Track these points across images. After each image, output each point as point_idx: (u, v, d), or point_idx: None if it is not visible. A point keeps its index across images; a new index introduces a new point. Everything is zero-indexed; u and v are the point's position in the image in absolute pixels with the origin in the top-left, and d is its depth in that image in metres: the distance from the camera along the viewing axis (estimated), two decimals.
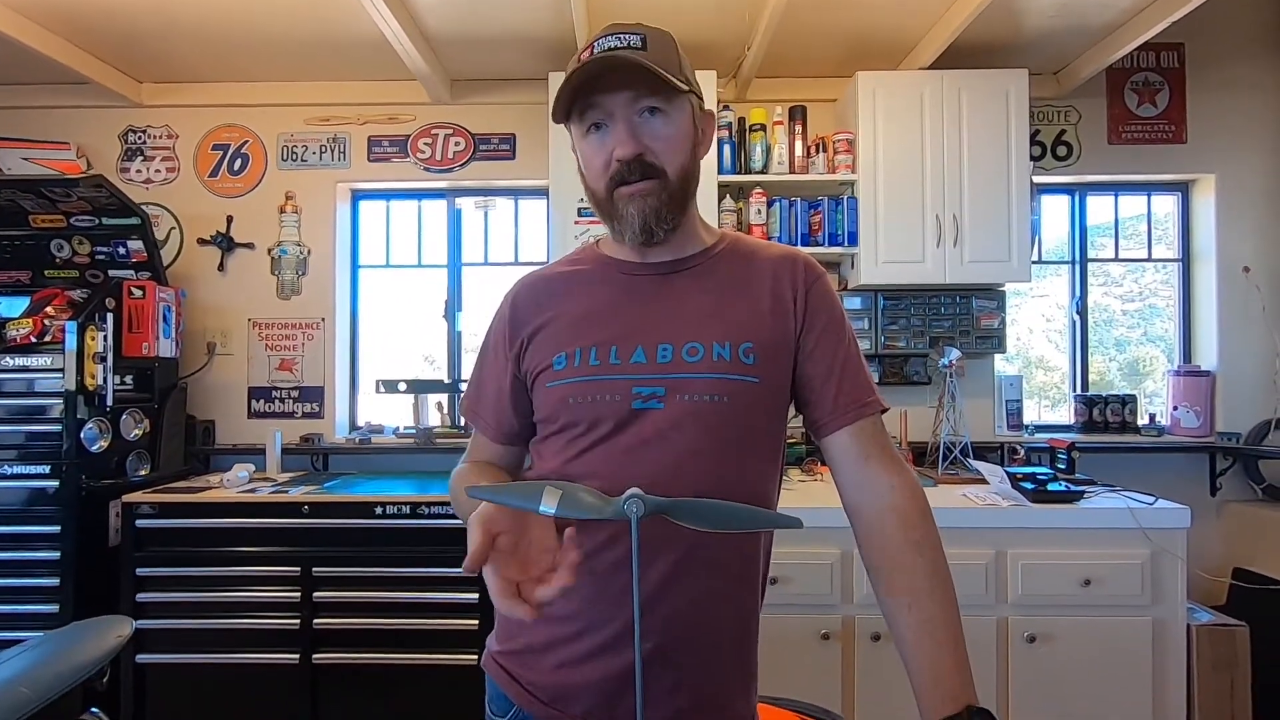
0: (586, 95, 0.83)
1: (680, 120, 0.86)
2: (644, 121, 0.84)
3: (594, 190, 0.89)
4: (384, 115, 3.02)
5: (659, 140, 0.85)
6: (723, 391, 0.84)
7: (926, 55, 2.59)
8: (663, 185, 0.85)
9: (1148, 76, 2.92)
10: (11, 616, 2.32)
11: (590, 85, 0.82)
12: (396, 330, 3.24)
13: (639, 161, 0.84)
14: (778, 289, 0.90)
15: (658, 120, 0.84)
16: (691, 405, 0.83)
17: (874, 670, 2.04)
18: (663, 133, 0.85)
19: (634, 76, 0.81)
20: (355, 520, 2.32)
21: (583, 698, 0.84)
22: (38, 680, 1.19)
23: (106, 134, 3.02)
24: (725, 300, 0.89)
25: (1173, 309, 3.09)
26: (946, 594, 0.79)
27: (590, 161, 0.87)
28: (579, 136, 0.88)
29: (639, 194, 0.85)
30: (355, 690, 2.30)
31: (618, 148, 0.83)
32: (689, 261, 0.92)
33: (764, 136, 2.72)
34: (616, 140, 0.84)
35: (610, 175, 0.85)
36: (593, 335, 0.88)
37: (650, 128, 0.84)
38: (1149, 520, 2.06)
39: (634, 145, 0.83)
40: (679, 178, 0.87)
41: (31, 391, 2.41)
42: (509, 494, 0.65)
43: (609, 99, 0.83)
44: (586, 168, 0.89)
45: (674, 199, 0.86)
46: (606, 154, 0.85)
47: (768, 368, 0.87)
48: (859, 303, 2.83)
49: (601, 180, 0.86)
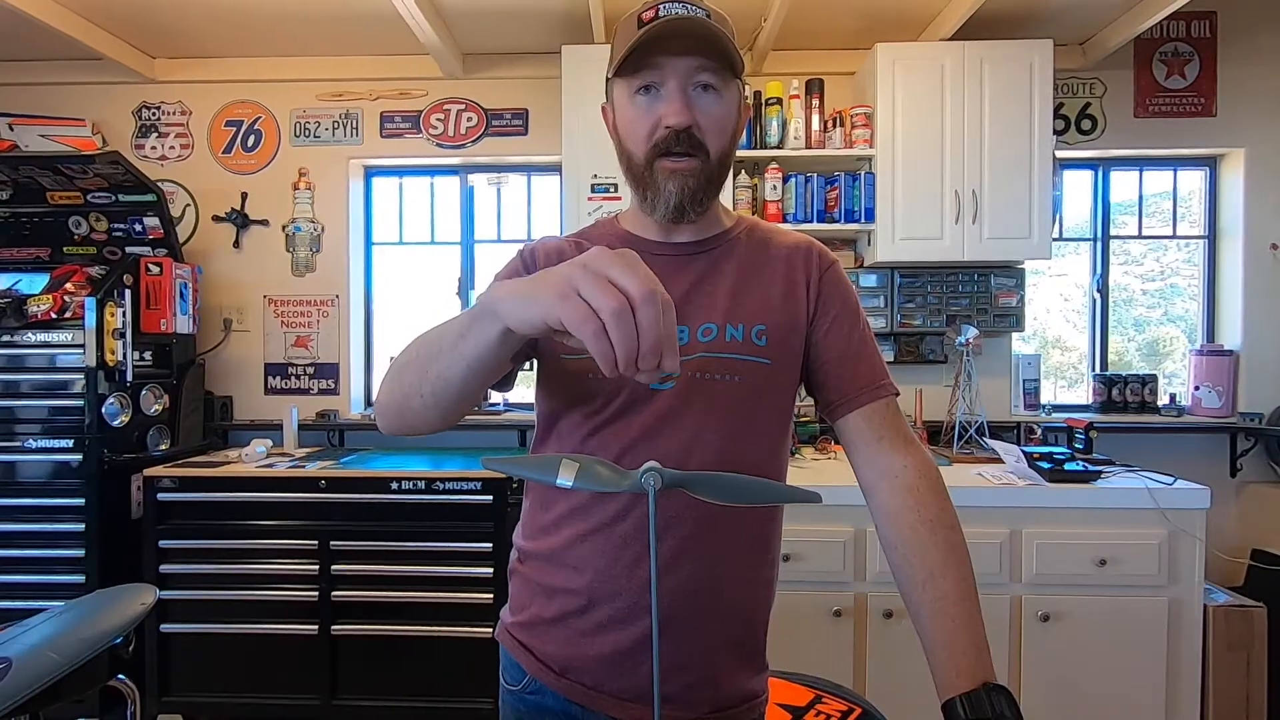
0: (648, 54, 0.81)
1: (730, 102, 0.85)
2: (697, 95, 0.83)
3: (632, 154, 0.86)
4: (396, 90, 3.00)
5: (709, 117, 0.83)
6: (736, 371, 0.84)
7: (948, 26, 2.53)
8: (703, 165, 0.84)
9: (1177, 47, 2.84)
10: (40, 586, 2.38)
11: (655, 45, 0.80)
12: (410, 307, 3.25)
13: (688, 133, 0.82)
14: (791, 275, 0.91)
15: (710, 97, 0.83)
16: (704, 384, 0.83)
17: (886, 647, 2.05)
18: (714, 110, 0.83)
19: (702, 46, 0.80)
20: (371, 495, 2.35)
21: (592, 669, 0.85)
22: (64, 646, 1.22)
23: (121, 110, 3.03)
24: (740, 284, 0.89)
25: (1195, 288, 3.03)
26: (962, 571, 0.78)
27: (634, 124, 0.84)
28: (624, 96, 0.85)
29: (681, 171, 0.83)
30: (373, 661, 2.35)
31: (671, 115, 0.81)
32: (709, 244, 0.92)
33: (780, 111, 2.67)
34: (670, 108, 0.81)
35: (655, 142, 0.83)
36: None
37: (702, 102, 0.83)
38: (1168, 500, 2.04)
39: (689, 115, 0.81)
40: (719, 160, 0.85)
41: (53, 367, 2.45)
42: (525, 465, 0.65)
43: (672, 62, 0.81)
44: (628, 130, 0.86)
45: (711, 181, 0.86)
46: (654, 119, 0.83)
47: (779, 350, 0.87)
48: (875, 280, 2.80)
49: (644, 146, 0.84)
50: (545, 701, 0.87)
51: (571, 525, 0.86)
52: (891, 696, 1.83)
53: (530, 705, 0.89)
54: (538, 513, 0.91)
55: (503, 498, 2.33)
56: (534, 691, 0.88)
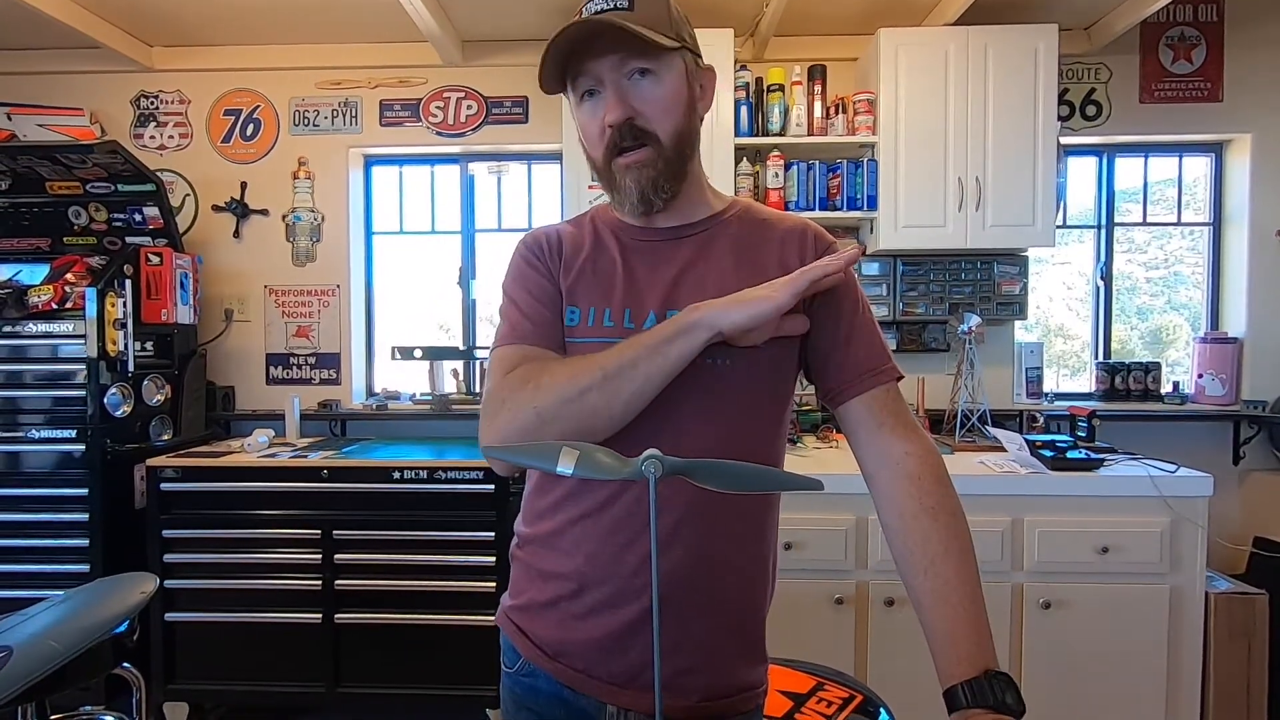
0: (576, 63, 0.83)
1: (670, 80, 0.84)
2: (633, 84, 0.83)
3: (594, 159, 0.88)
4: (395, 78, 2.98)
5: (648, 103, 0.83)
6: (725, 356, 0.83)
7: (952, 10, 2.50)
8: (658, 153, 0.84)
9: (1184, 31, 2.81)
10: (44, 576, 2.39)
11: (579, 52, 0.81)
12: (411, 297, 3.24)
13: (630, 126, 0.83)
14: (786, 259, 0.89)
15: (647, 82, 0.83)
16: (697, 369, 0.82)
17: (887, 635, 2.06)
18: (651, 95, 0.83)
19: (619, 39, 0.79)
20: (374, 485, 2.35)
21: (583, 653, 0.85)
22: (64, 634, 1.23)
23: (119, 99, 3.01)
24: (733, 266, 0.88)
25: (1198, 276, 3.01)
26: (964, 558, 0.78)
27: (587, 130, 0.87)
28: (575, 106, 0.87)
29: (635, 164, 0.84)
30: (377, 649, 2.36)
31: (607, 114, 0.83)
32: (698, 227, 0.91)
33: (782, 97, 2.65)
34: (606, 106, 0.83)
35: (606, 144, 0.84)
36: (605, 295, 0.88)
37: (639, 90, 0.83)
38: (1170, 488, 2.04)
39: (622, 110, 0.82)
40: (673, 142, 0.85)
41: (55, 357, 2.45)
42: (526, 453, 0.64)
43: (596, 64, 0.82)
44: (585, 135, 0.88)
45: (670, 165, 0.85)
46: (600, 121, 0.84)
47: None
48: (877, 268, 2.78)
49: (599, 149, 0.86)
50: (539, 684, 0.88)
51: (564, 510, 0.86)
52: (893, 684, 1.83)
53: (524, 687, 0.90)
54: (535, 498, 0.92)
55: (504, 486, 2.33)
56: (527, 674, 0.89)
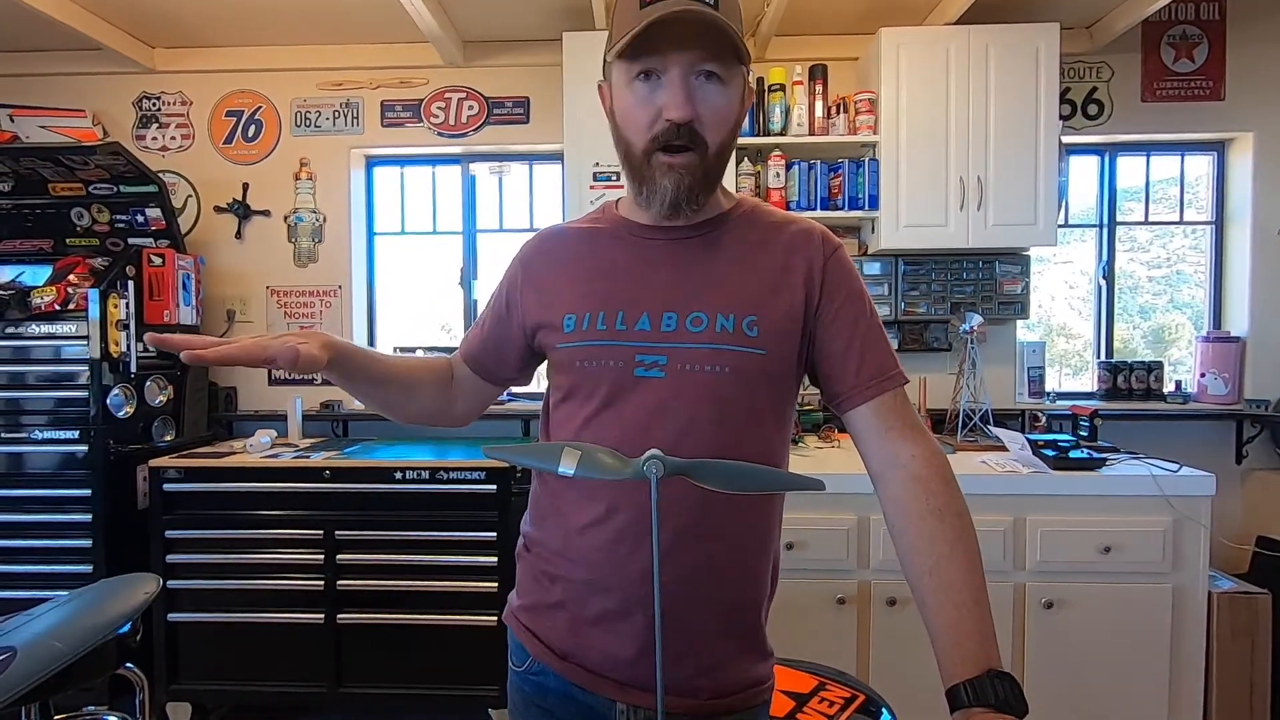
0: (650, 40, 0.76)
1: (733, 91, 0.81)
2: (699, 85, 0.79)
3: (630, 144, 0.83)
4: (396, 79, 2.99)
5: (710, 110, 0.80)
6: (724, 363, 0.82)
7: (953, 10, 2.49)
8: (701, 160, 0.81)
9: (1186, 30, 2.80)
10: (48, 576, 2.40)
11: (657, 31, 0.75)
12: (413, 298, 3.25)
13: (689, 127, 0.79)
14: (792, 261, 0.87)
15: (713, 87, 0.80)
16: (693, 376, 0.82)
17: (889, 635, 2.06)
18: (716, 102, 0.80)
19: (705, 34, 0.76)
20: (376, 485, 2.35)
21: (592, 655, 0.86)
22: (68, 635, 1.23)
23: (121, 101, 3.02)
24: (736, 268, 0.87)
25: (1200, 275, 3.01)
26: (969, 558, 0.78)
27: (632, 112, 0.81)
28: (623, 80, 0.82)
29: (678, 167, 0.80)
30: (379, 648, 2.36)
31: (673, 109, 0.78)
32: (703, 227, 0.89)
33: (783, 97, 2.65)
34: (672, 100, 0.78)
35: (654, 135, 0.80)
36: (601, 299, 0.87)
37: (704, 93, 0.79)
38: (1172, 488, 2.03)
39: (690, 109, 0.78)
40: (717, 153, 0.83)
41: (58, 358, 2.45)
42: (528, 454, 0.65)
43: (676, 52, 0.77)
44: (626, 117, 0.82)
45: (708, 176, 0.83)
46: (654, 110, 0.80)
47: (774, 340, 0.85)
48: (879, 268, 2.78)
49: (643, 137, 0.81)
50: (548, 682, 0.89)
51: (570, 515, 0.86)
52: (895, 683, 1.83)
53: (533, 685, 0.90)
54: (540, 500, 0.92)
55: (506, 487, 2.33)
56: (536, 673, 0.90)
